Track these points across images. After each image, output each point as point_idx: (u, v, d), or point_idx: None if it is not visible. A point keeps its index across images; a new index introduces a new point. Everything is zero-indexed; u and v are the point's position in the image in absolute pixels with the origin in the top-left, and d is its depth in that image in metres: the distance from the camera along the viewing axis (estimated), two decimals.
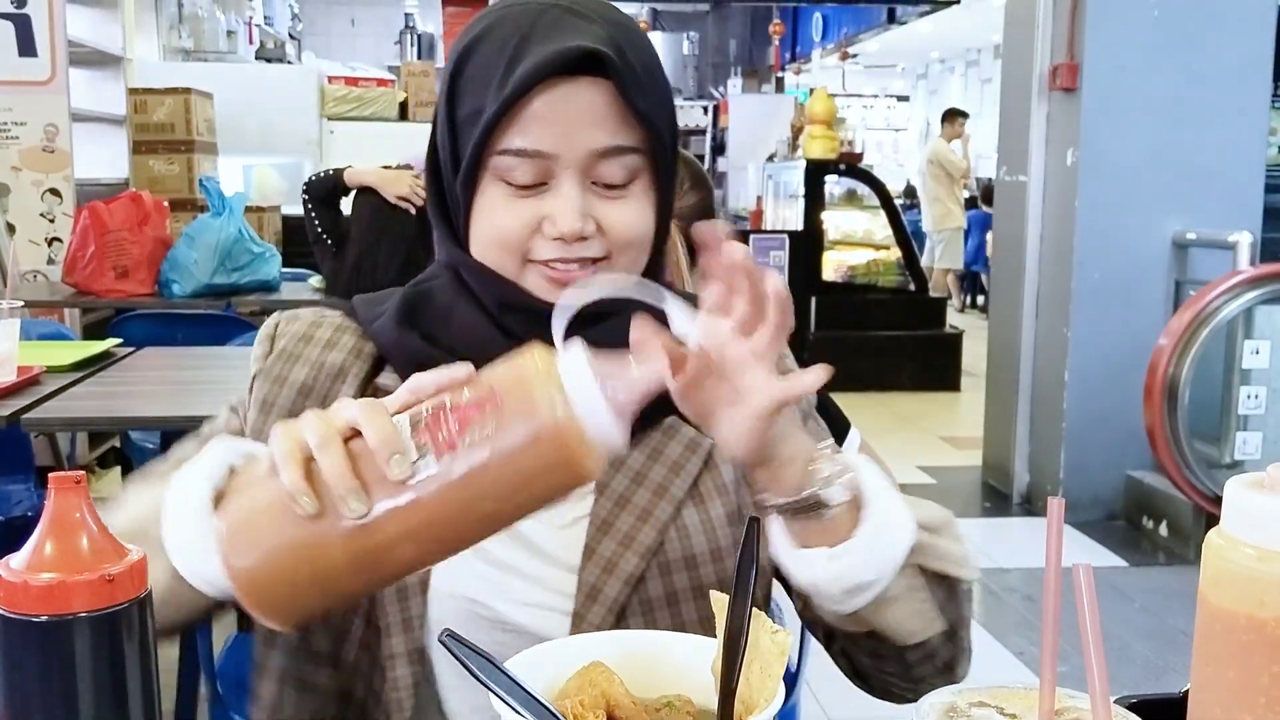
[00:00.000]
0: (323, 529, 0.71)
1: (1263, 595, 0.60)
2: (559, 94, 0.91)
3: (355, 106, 6.94)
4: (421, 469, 0.70)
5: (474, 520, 0.73)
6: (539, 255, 0.95)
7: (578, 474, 0.72)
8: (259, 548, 0.72)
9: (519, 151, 0.93)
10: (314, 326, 1.05)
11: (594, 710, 0.70)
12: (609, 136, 0.93)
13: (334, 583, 0.73)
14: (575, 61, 0.90)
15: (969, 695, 0.67)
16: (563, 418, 0.70)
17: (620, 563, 0.96)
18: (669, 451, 1.00)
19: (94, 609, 0.61)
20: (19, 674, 0.61)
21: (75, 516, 0.62)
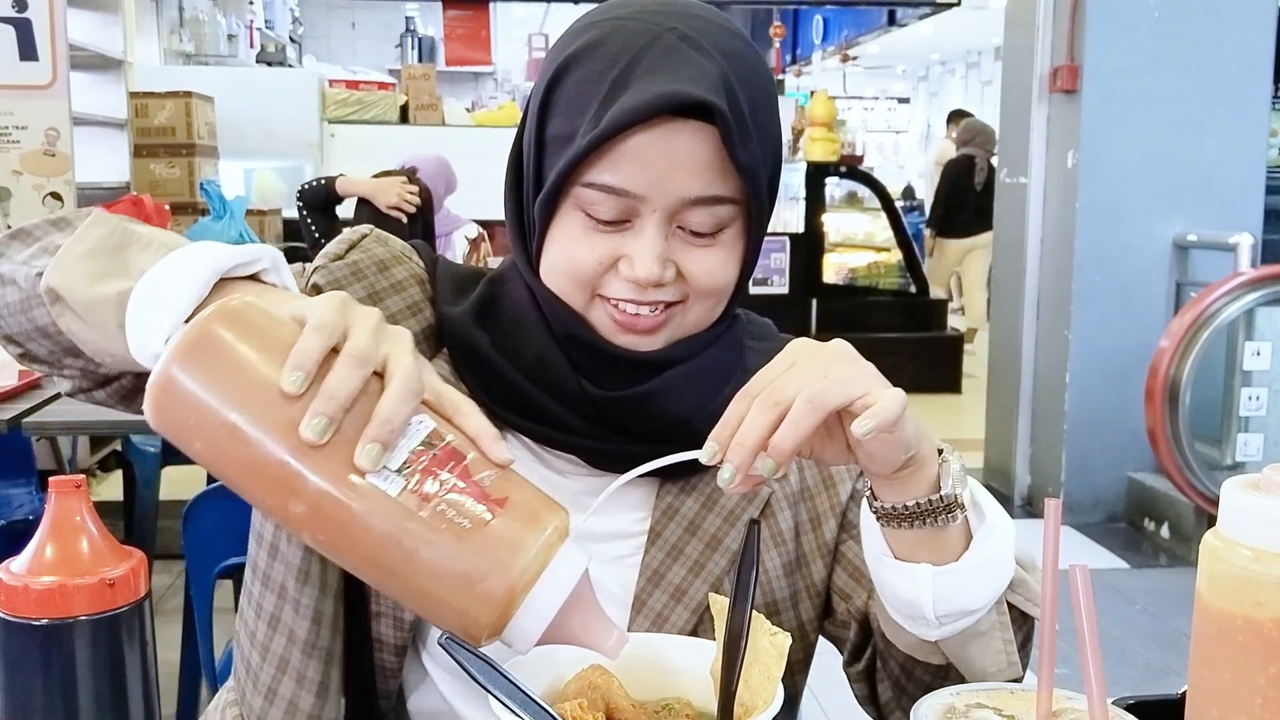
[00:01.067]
0: (274, 410, 0.64)
1: (1259, 596, 0.60)
2: (657, 135, 0.84)
3: (356, 110, 6.95)
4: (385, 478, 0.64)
5: (367, 560, 0.66)
6: (609, 292, 0.90)
7: (468, 628, 0.66)
8: (210, 369, 0.65)
9: (606, 187, 0.86)
10: (395, 262, 0.98)
11: (593, 713, 0.70)
12: (704, 186, 0.86)
13: (226, 451, 0.65)
14: (679, 107, 0.83)
15: (967, 697, 0.67)
16: (509, 588, 0.65)
17: (671, 617, 0.93)
18: (724, 501, 0.96)
19: (94, 612, 0.61)
20: (19, 677, 0.61)
21: (75, 520, 0.62)
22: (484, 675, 0.67)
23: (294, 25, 11.11)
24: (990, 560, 0.81)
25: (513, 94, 10.44)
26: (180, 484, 3.34)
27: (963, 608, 0.81)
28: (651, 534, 0.94)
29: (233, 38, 7.93)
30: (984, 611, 0.82)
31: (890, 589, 0.82)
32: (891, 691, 0.94)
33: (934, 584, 0.79)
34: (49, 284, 0.76)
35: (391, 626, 0.94)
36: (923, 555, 0.80)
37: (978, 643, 0.84)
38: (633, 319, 0.89)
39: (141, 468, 3.41)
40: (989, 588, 0.81)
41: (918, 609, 0.81)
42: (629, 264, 0.88)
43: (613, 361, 0.91)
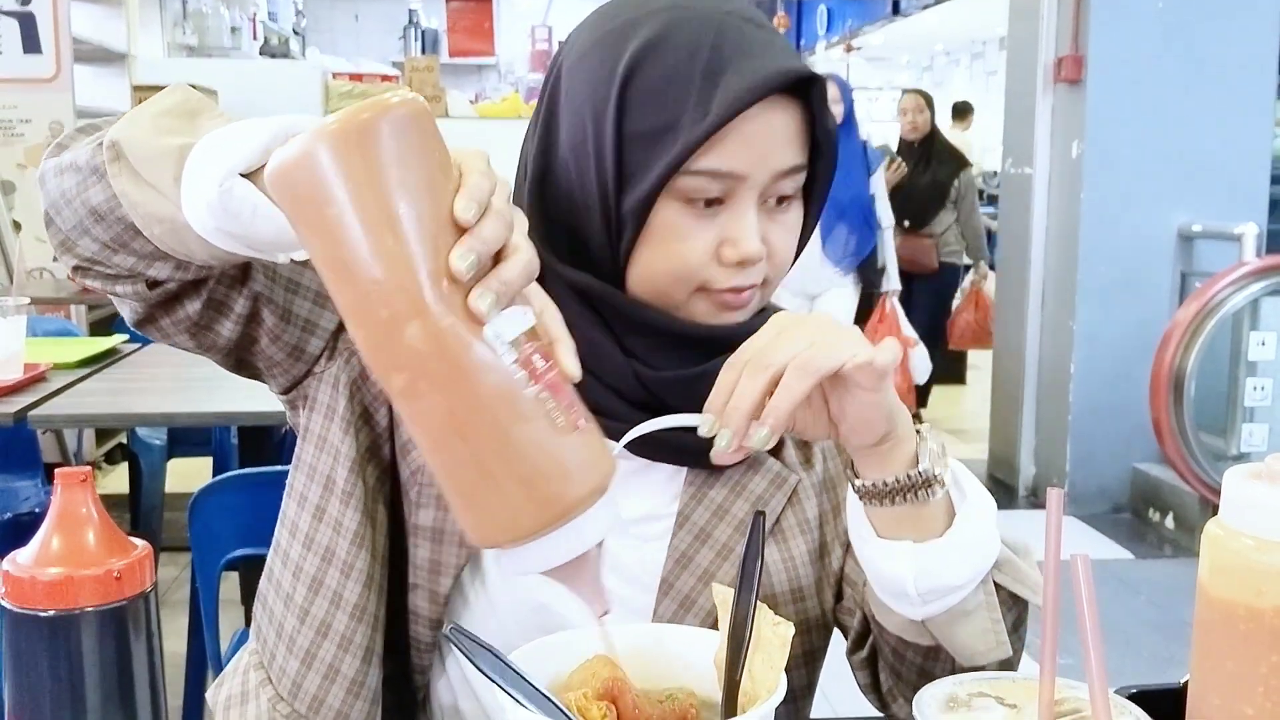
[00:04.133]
0: (430, 226, 0.60)
1: (1261, 585, 0.61)
2: (760, 114, 0.87)
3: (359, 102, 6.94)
4: (499, 343, 0.61)
5: (452, 418, 0.62)
6: (715, 284, 0.91)
7: (516, 519, 0.64)
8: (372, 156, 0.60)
9: (713, 172, 0.87)
10: None
11: (597, 702, 0.70)
12: (794, 156, 0.90)
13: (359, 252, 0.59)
14: (783, 83, 0.87)
15: (969, 685, 0.67)
16: (568, 507, 0.63)
17: (699, 599, 0.94)
18: (752, 487, 0.97)
19: (100, 604, 0.61)
20: (26, 668, 0.62)
21: (82, 512, 0.63)
22: (489, 666, 0.68)
23: (297, 18, 11.10)
24: (972, 537, 0.82)
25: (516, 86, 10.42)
26: (185, 476, 3.35)
27: (945, 584, 0.82)
28: (680, 518, 0.95)
29: (236, 30, 7.92)
30: (968, 589, 0.83)
31: (874, 567, 0.84)
32: (889, 676, 0.95)
33: (915, 560, 0.81)
34: (113, 138, 0.74)
35: (427, 600, 0.95)
36: (905, 533, 0.82)
37: (964, 622, 0.85)
38: (736, 300, 0.91)
39: (147, 460, 3.42)
40: (971, 564, 0.82)
41: (900, 586, 0.82)
42: (732, 246, 0.89)
43: (670, 342, 0.92)
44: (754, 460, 0.97)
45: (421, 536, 0.94)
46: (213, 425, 2.99)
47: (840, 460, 1.00)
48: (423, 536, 0.94)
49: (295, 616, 0.94)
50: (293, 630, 0.94)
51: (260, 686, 0.97)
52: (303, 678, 0.93)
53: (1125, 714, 0.64)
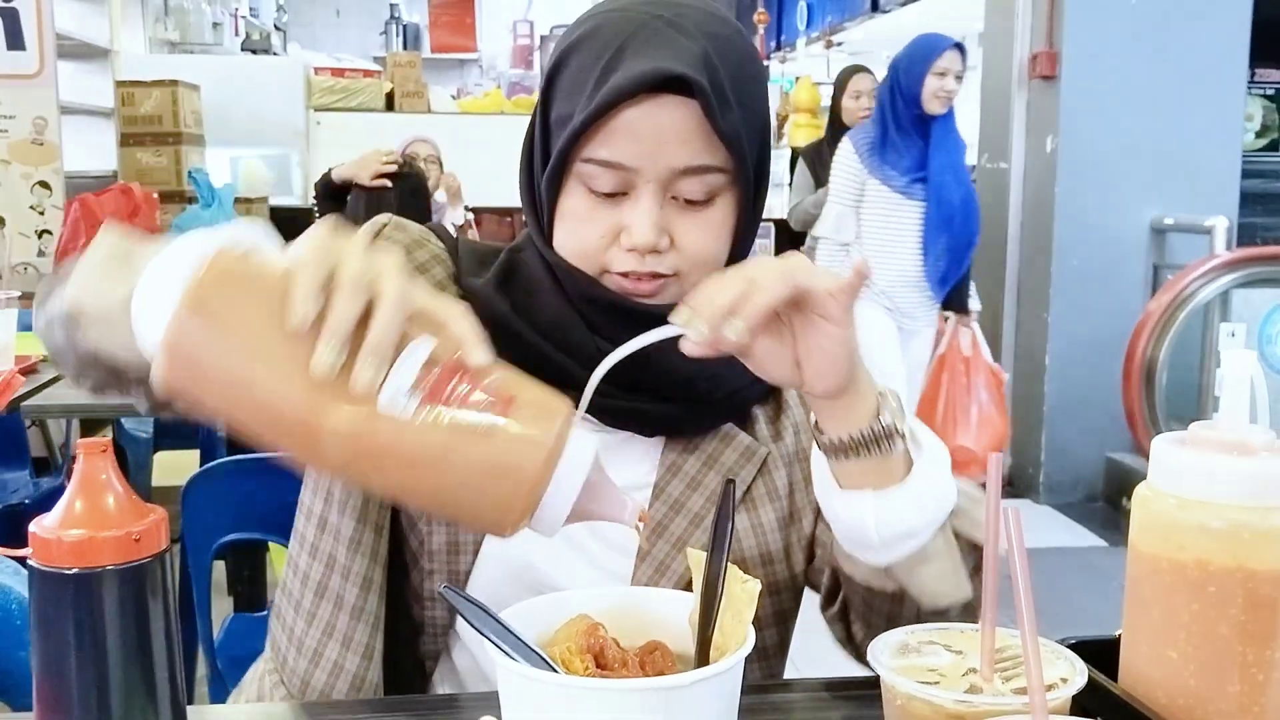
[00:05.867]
0: (283, 352, 0.67)
1: (1182, 540, 0.67)
2: (645, 111, 0.91)
3: (341, 97, 6.96)
4: (399, 400, 0.67)
5: (401, 482, 0.70)
6: (615, 268, 0.97)
7: (502, 519, 0.71)
8: (213, 323, 0.68)
9: (603, 162, 0.94)
10: (416, 245, 1.06)
11: (581, 655, 0.76)
12: (691, 156, 0.93)
13: (243, 402, 0.68)
14: (663, 82, 0.91)
15: (919, 635, 0.73)
16: (538, 473, 0.70)
17: (673, 564, 1.00)
18: (724, 459, 1.03)
19: (120, 562, 0.66)
20: (52, 623, 0.67)
21: (102, 479, 0.68)
22: (480, 621, 0.73)
23: (278, 13, 11.09)
24: (929, 484, 0.87)
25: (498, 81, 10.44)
26: (172, 469, 3.38)
27: (905, 528, 0.86)
28: (656, 489, 1.02)
29: (218, 26, 7.93)
30: (927, 534, 0.87)
31: (838, 519, 0.89)
32: (860, 627, 1.00)
33: (876, 507, 0.86)
34: (69, 302, 0.82)
35: (446, 580, 1.00)
36: (867, 484, 0.86)
37: (926, 567, 0.89)
38: (636, 284, 0.96)
39: (134, 453, 3.45)
40: (929, 509, 0.87)
41: (863, 533, 0.87)
42: (628, 233, 0.95)
43: (626, 315, 0.98)
44: (726, 435, 1.03)
45: (437, 523, 1.00)
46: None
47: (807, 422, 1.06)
48: (437, 522, 1.00)
49: (304, 620, 1.02)
50: (301, 633, 1.01)
51: (274, 689, 1.04)
52: (310, 675, 1.01)
53: (1061, 659, 0.70)
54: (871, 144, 3.88)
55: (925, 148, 3.80)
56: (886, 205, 3.86)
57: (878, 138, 3.87)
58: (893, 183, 3.84)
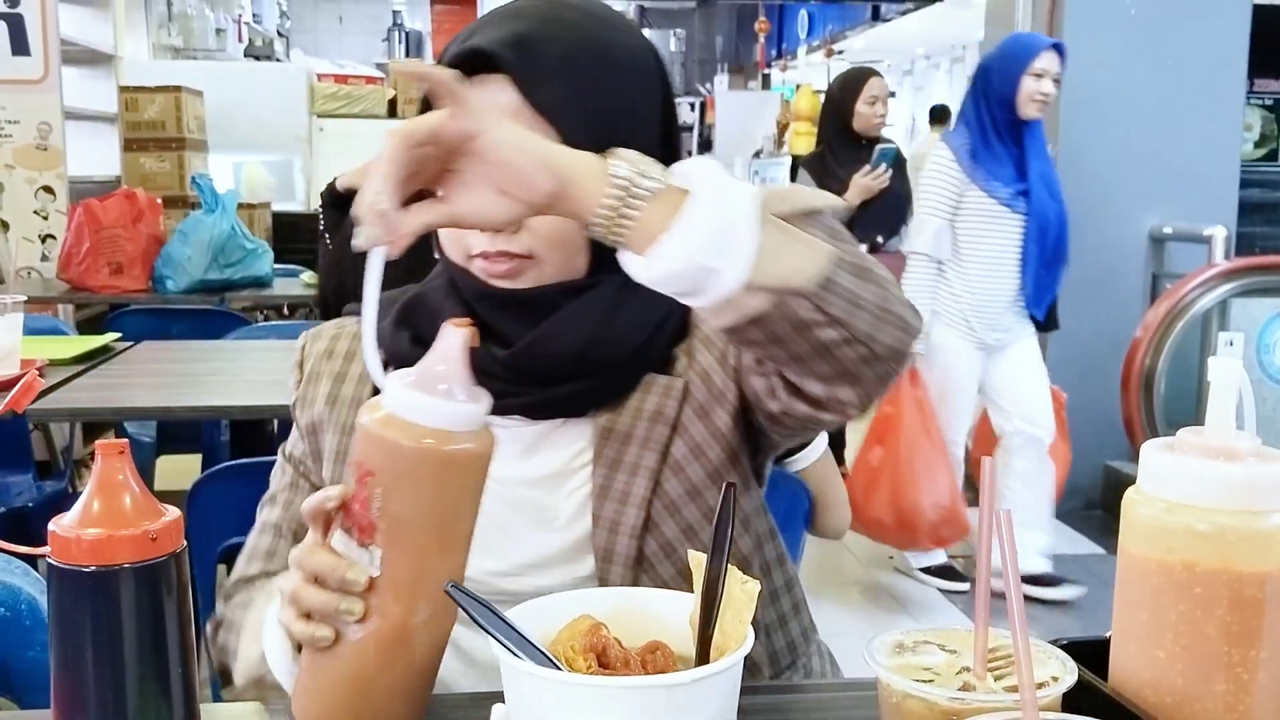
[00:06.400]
0: (348, 648, 0.81)
1: (1170, 543, 0.69)
2: (475, 92, 0.93)
3: (344, 104, 6.99)
4: (375, 560, 0.79)
5: (442, 549, 0.82)
6: (474, 249, 1.01)
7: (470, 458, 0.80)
8: (313, 688, 0.84)
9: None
10: (334, 340, 1.14)
11: (584, 654, 0.77)
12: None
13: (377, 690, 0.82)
14: (482, 62, 0.96)
15: (915, 635, 0.75)
16: (414, 438, 0.78)
17: (622, 520, 1.03)
18: (647, 405, 1.06)
19: (137, 560, 0.68)
20: (70, 620, 0.69)
21: (119, 479, 0.70)
22: (485, 620, 0.75)
23: (281, 19, 11.14)
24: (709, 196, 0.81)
25: None
26: (174, 474, 3.40)
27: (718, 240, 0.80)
28: (595, 455, 1.05)
29: (221, 32, 7.96)
30: (746, 227, 0.81)
31: (667, 282, 0.83)
32: (801, 372, 0.93)
33: (647, 268, 0.81)
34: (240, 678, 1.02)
35: None
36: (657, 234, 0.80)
37: (775, 262, 0.82)
38: (494, 264, 1.00)
39: (137, 457, 3.41)
40: (728, 207, 0.81)
41: (690, 273, 0.81)
42: None
43: (495, 300, 1.02)
44: (648, 382, 1.06)
45: None
46: (207, 419, 3.05)
47: (710, 391, 1.07)
48: None
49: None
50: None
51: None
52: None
53: (1052, 658, 0.72)
54: (971, 150, 3.53)
55: (1022, 156, 3.53)
56: (988, 218, 3.54)
57: (976, 144, 3.53)
58: (997, 194, 3.52)
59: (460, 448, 0.79)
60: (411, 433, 0.78)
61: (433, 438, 0.78)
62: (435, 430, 0.78)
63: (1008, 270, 3.59)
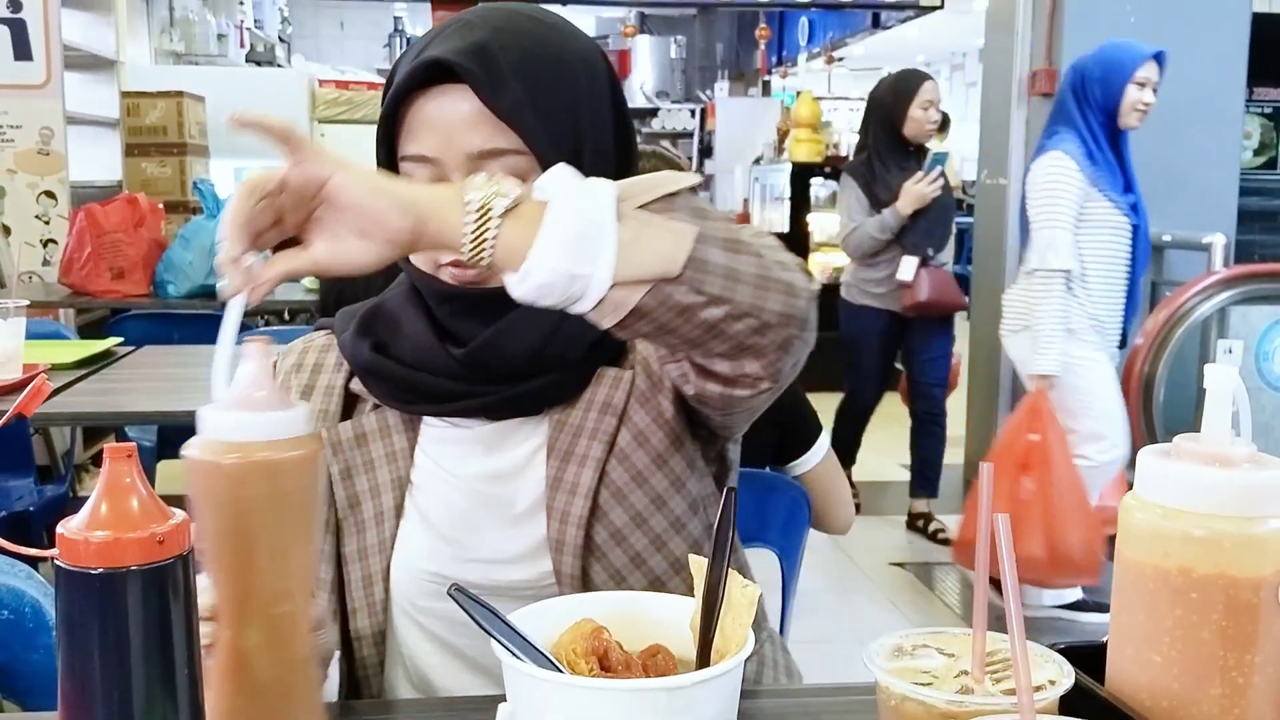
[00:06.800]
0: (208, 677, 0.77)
1: (1166, 548, 0.69)
2: (433, 102, 0.99)
3: (346, 110, 7.01)
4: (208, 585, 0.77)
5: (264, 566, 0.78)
6: (444, 258, 1.02)
7: (273, 468, 0.77)
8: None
9: (413, 157, 1.00)
10: (303, 355, 1.17)
11: (586, 657, 0.78)
12: (484, 140, 0.98)
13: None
14: (441, 72, 0.97)
15: (914, 638, 0.76)
16: (212, 454, 0.76)
17: (571, 509, 1.05)
18: (597, 396, 1.08)
19: (144, 563, 0.69)
20: (77, 622, 0.69)
21: (126, 482, 0.70)
22: (489, 623, 0.76)
23: (283, 25, 11.15)
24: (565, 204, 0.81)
25: None
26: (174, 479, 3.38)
27: (561, 285, 0.81)
28: (549, 448, 1.07)
29: (222, 37, 7.97)
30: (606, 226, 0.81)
31: (548, 296, 0.83)
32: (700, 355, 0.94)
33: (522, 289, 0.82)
34: None
35: (367, 616, 1.06)
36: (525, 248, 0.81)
37: (637, 251, 0.82)
38: (465, 269, 1.00)
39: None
40: (586, 209, 0.81)
41: (560, 282, 0.81)
42: None
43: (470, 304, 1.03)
44: (599, 375, 1.08)
45: (351, 562, 1.08)
46: None
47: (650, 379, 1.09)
48: (351, 562, 1.08)
49: None
50: None
51: None
52: None
53: (1050, 662, 0.72)
54: (1089, 157, 3.38)
55: (1123, 166, 3.44)
56: (1110, 228, 3.41)
57: (1089, 152, 3.39)
58: (1118, 203, 3.40)
59: (261, 458, 0.76)
60: (209, 449, 0.77)
61: (237, 452, 0.76)
62: (236, 444, 0.76)
63: (1122, 282, 3.49)
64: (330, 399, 1.12)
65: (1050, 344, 3.33)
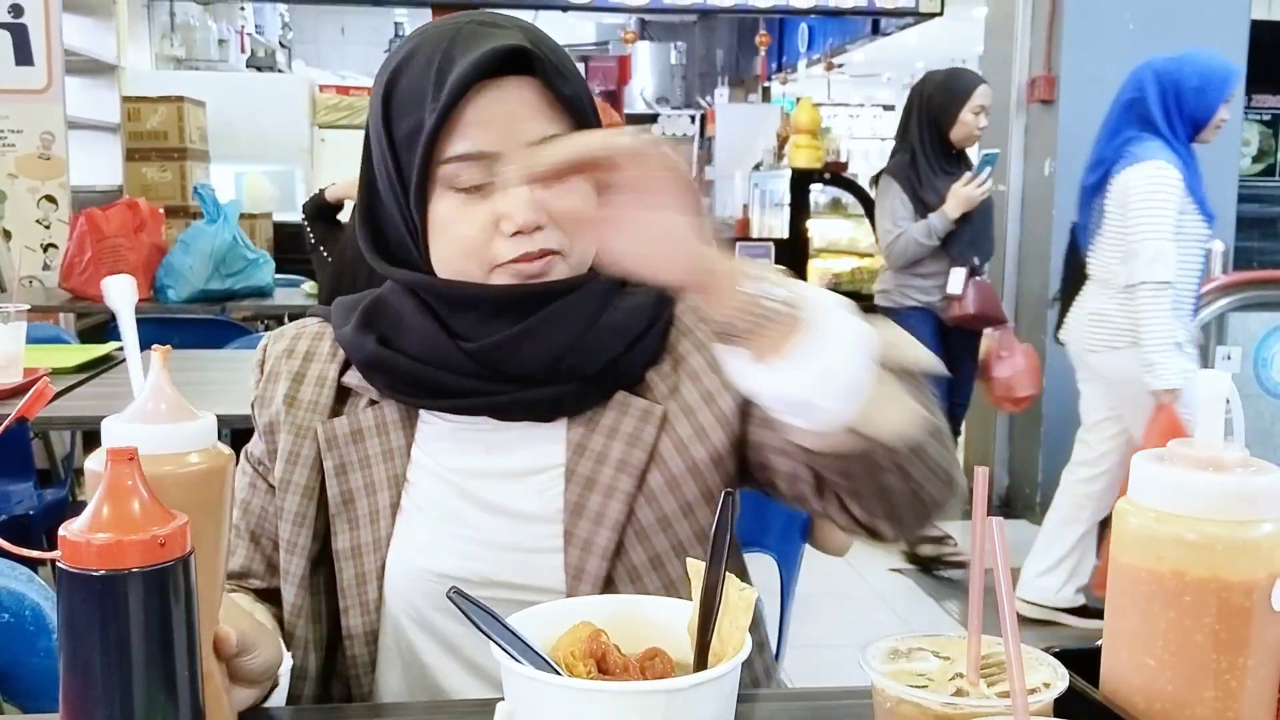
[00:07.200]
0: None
1: (1160, 552, 0.70)
2: (491, 95, 0.98)
3: (346, 115, 7.02)
4: None
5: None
6: (502, 258, 1.01)
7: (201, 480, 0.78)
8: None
9: (464, 156, 0.99)
10: (295, 340, 1.16)
11: (584, 660, 0.79)
12: (542, 128, 0.99)
13: None
14: (501, 62, 0.97)
15: (910, 641, 0.76)
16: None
17: (597, 540, 1.04)
18: (624, 427, 1.07)
19: (145, 565, 0.69)
20: (79, 624, 0.70)
21: (128, 484, 0.71)
22: (488, 626, 0.76)
23: (284, 30, 11.16)
24: (819, 347, 0.82)
25: None
26: None
27: (799, 398, 0.83)
28: (567, 473, 1.06)
29: (223, 43, 7.99)
30: (859, 373, 0.83)
31: (771, 396, 0.85)
32: (854, 502, 0.98)
33: (765, 379, 0.83)
34: None
35: (360, 614, 1.06)
36: (774, 352, 0.82)
37: (878, 408, 0.85)
38: (528, 264, 1.01)
39: None
40: (828, 374, 0.82)
41: (800, 398, 0.83)
42: (508, 219, 0.99)
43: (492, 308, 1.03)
44: (622, 404, 1.07)
45: (344, 559, 1.07)
46: None
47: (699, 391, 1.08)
48: (344, 559, 1.07)
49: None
50: None
51: None
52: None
53: (1044, 665, 0.73)
54: (1186, 165, 3.28)
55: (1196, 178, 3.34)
56: (1195, 239, 3.33)
57: (1184, 160, 3.28)
58: (1204, 214, 3.33)
59: (163, 472, 0.76)
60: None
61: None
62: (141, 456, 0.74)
63: (1193, 293, 3.42)
64: (321, 390, 1.11)
65: (1168, 357, 3.19)
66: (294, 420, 1.11)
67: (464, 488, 1.08)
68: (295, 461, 1.10)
